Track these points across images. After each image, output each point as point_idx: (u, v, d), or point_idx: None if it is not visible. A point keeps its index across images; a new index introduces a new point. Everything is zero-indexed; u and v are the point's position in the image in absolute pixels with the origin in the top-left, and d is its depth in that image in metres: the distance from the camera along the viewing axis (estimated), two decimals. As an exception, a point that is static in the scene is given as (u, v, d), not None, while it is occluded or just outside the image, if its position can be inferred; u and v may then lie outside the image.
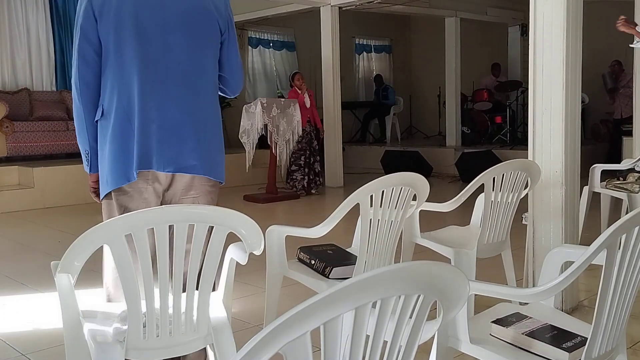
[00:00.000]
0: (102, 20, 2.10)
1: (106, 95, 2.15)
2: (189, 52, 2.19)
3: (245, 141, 7.49)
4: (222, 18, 2.27)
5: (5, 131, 7.88)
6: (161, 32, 2.14)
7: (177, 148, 2.16)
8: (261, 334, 0.89)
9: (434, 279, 1.05)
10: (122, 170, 2.13)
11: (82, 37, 2.12)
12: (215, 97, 2.32)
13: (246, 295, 3.64)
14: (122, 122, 2.12)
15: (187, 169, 2.19)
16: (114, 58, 2.12)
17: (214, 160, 2.27)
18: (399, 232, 2.57)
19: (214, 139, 2.27)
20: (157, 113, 2.14)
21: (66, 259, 1.72)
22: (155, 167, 2.15)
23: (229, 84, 2.39)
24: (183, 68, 2.17)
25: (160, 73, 2.14)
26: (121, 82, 2.12)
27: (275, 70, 12.21)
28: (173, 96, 2.16)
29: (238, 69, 2.40)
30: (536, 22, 3.23)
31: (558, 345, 1.70)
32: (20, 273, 4.38)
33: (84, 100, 2.16)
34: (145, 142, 2.13)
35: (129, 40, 2.11)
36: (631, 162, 4.69)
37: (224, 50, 2.31)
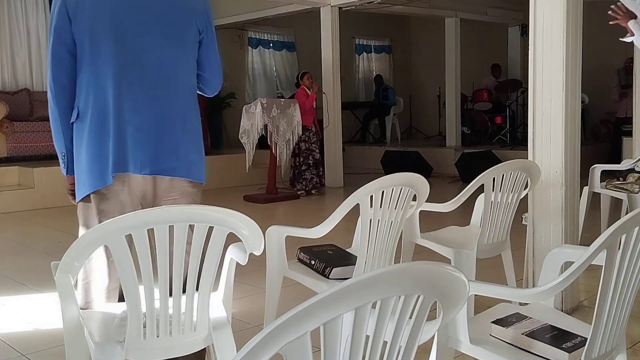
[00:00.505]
0: (76, 21, 2.08)
1: (81, 97, 2.12)
2: (167, 53, 2.16)
3: (245, 141, 7.48)
4: (200, 17, 2.23)
5: (6, 131, 7.89)
6: (138, 32, 2.11)
7: (154, 150, 2.13)
8: (261, 334, 0.89)
9: (434, 279, 1.05)
10: (99, 173, 2.10)
11: (56, 38, 2.10)
12: (193, 98, 2.29)
13: (246, 295, 3.64)
14: (97, 124, 2.09)
15: (165, 171, 2.16)
16: (90, 59, 2.10)
17: (192, 161, 2.23)
18: (399, 233, 2.57)
19: (192, 140, 2.24)
20: (133, 115, 2.11)
21: (66, 259, 1.72)
22: (132, 170, 2.12)
23: (209, 83, 2.36)
24: (160, 69, 2.15)
25: (137, 74, 2.12)
26: (96, 83, 2.10)
27: (275, 70, 12.21)
28: (150, 97, 2.13)
29: (217, 68, 2.37)
30: (536, 23, 3.23)
31: (558, 346, 1.70)
32: (20, 273, 4.38)
33: (58, 102, 2.14)
34: (121, 144, 2.10)
35: (104, 40, 2.08)
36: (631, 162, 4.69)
37: (203, 49, 2.28)
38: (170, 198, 2.21)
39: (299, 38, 12.18)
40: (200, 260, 1.81)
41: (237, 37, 11.45)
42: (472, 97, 11.28)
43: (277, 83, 12.22)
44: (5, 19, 8.74)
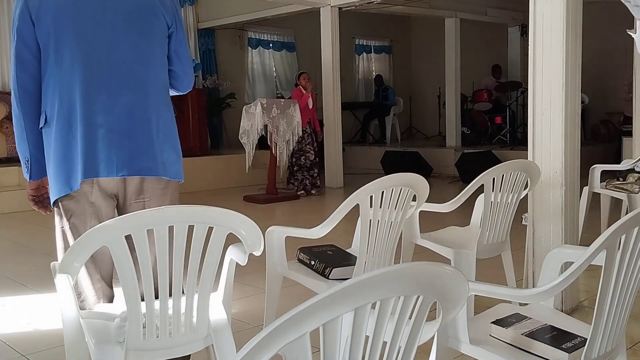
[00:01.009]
0: (39, 23, 2.02)
1: (48, 102, 2.07)
2: (135, 49, 2.11)
3: (245, 142, 7.48)
4: (167, 11, 2.18)
5: (5, 132, 7.88)
6: (103, 30, 2.06)
7: (129, 151, 2.08)
8: (261, 334, 0.89)
9: (434, 279, 1.05)
10: (65, 178, 2.05)
11: (19, 40, 2.04)
12: (166, 94, 2.24)
13: (246, 296, 3.64)
14: (62, 129, 2.04)
15: (141, 171, 2.11)
16: (54, 62, 2.04)
17: (168, 159, 2.17)
18: (398, 233, 2.57)
19: (167, 138, 2.18)
20: (104, 117, 2.06)
21: (66, 260, 1.72)
22: (105, 174, 2.06)
23: (180, 78, 2.30)
24: (129, 66, 2.10)
25: (105, 74, 2.07)
26: (62, 86, 2.04)
27: (275, 71, 12.21)
28: (120, 97, 2.08)
29: (188, 63, 2.32)
30: (536, 23, 3.23)
31: (558, 346, 1.70)
32: (20, 274, 4.38)
33: (23, 106, 2.08)
34: (91, 148, 2.04)
35: (69, 42, 2.03)
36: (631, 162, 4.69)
37: (172, 43, 2.23)
38: (139, 200, 2.15)
39: (298, 38, 12.18)
40: (200, 261, 1.81)
41: (237, 38, 11.45)
42: (472, 97, 11.28)
43: (277, 83, 12.22)
44: (5, 20, 8.73)
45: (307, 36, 11.50)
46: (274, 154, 7.52)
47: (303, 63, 11.83)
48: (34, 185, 2.20)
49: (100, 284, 2.16)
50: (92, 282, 2.14)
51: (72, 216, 2.10)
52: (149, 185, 2.15)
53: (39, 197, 2.22)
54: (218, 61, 11.15)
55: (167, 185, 2.20)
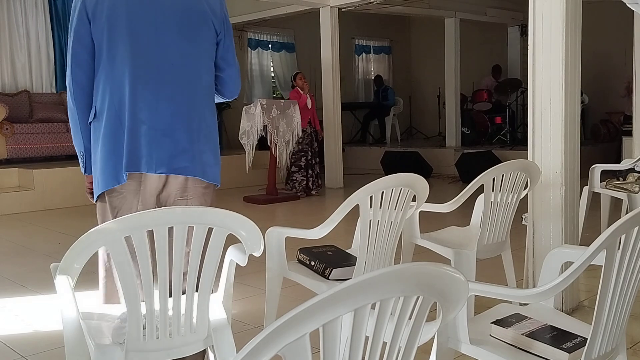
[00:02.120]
0: (95, 21, 2.10)
1: (99, 97, 2.14)
2: (182, 52, 2.17)
3: (245, 142, 7.48)
4: (217, 18, 2.25)
5: (5, 133, 7.89)
6: (154, 31, 2.13)
7: (169, 149, 2.15)
8: (260, 335, 0.89)
9: (433, 280, 1.05)
10: (112, 171, 2.12)
11: (76, 40, 2.12)
12: (210, 99, 2.30)
13: (246, 296, 3.64)
14: (113, 123, 2.12)
15: (179, 170, 2.18)
16: (107, 59, 2.12)
17: (207, 162, 2.24)
18: (398, 233, 2.57)
19: (208, 140, 2.25)
20: (148, 114, 2.13)
21: (66, 261, 1.72)
22: (145, 169, 2.13)
23: (227, 85, 2.37)
24: (176, 68, 2.16)
25: (152, 73, 2.13)
26: (113, 82, 2.12)
27: (274, 71, 12.21)
28: (165, 96, 2.15)
29: (235, 70, 2.38)
30: (535, 23, 3.23)
31: (558, 346, 1.70)
32: (20, 275, 4.38)
33: (77, 102, 2.16)
34: (134, 143, 2.12)
35: (121, 40, 2.11)
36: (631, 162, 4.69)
37: (220, 50, 2.30)
38: (183, 198, 2.22)
39: (298, 39, 12.18)
40: (200, 262, 1.81)
41: (237, 38, 11.44)
42: (471, 97, 11.28)
43: (277, 84, 12.22)
44: (5, 21, 8.74)
45: (307, 37, 11.50)
46: (274, 155, 7.52)
47: (303, 64, 11.84)
48: (90, 178, 2.26)
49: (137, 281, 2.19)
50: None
51: (119, 213, 2.14)
52: (192, 184, 2.22)
53: None
54: (218, 62, 11.14)
55: (207, 186, 2.27)
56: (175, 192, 2.21)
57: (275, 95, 11.97)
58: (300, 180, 7.92)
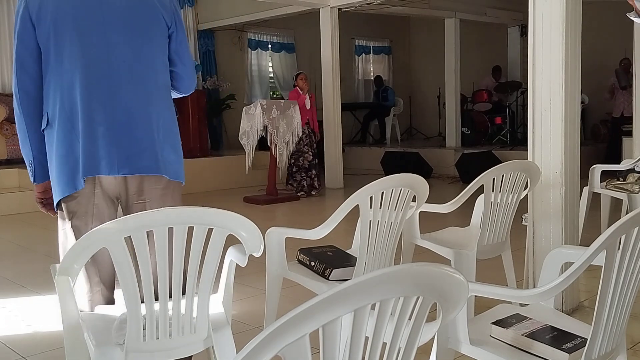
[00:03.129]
0: (40, 25, 2.04)
1: (49, 103, 2.08)
2: (134, 49, 2.11)
3: (245, 143, 7.48)
4: (167, 11, 2.19)
5: (5, 134, 7.89)
6: (102, 30, 2.07)
7: (129, 149, 2.09)
8: (260, 336, 0.89)
9: (433, 280, 1.05)
10: (69, 178, 2.06)
11: (19, 43, 2.06)
12: (167, 94, 2.24)
13: (246, 297, 3.64)
14: (65, 128, 2.05)
15: (141, 169, 2.11)
16: (55, 63, 2.06)
17: (168, 159, 2.17)
18: (398, 234, 2.57)
19: (168, 137, 2.18)
20: (104, 115, 2.07)
21: (65, 262, 1.72)
22: (106, 172, 2.07)
23: (182, 79, 2.30)
24: (129, 65, 2.10)
25: (104, 73, 2.07)
26: (63, 87, 2.05)
27: (272, 72, 12.21)
28: (120, 95, 2.09)
29: (189, 64, 2.31)
30: (535, 23, 3.23)
31: (558, 347, 1.70)
32: (20, 275, 4.38)
33: (24, 109, 2.09)
34: (91, 146, 2.05)
35: (68, 42, 2.05)
36: (631, 162, 4.69)
37: (172, 44, 2.23)
38: (140, 201, 2.15)
39: (298, 39, 12.18)
40: (199, 262, 1.81)
41: (237, 39, 11.46)
42: (472, 97, 11.28)
43: (277, 84, 12.23)
44: (5, 21, 8.73)
45: (307, 37, 11.50)
46: (274, 155, 7.52)
47: (302, 64, 11.83)
48: (40, 188, 2.20)
49: (99, 287, 2.16)
50: (91, 286, 2.14)
51: (74, 218, 2.10)
52: (148, 185, 2.15)
53: (46, 199, 2.22)
54: (218, 62, 11.16)
55: (167, 186, 2.19)
56: (132, 195, 2.15)
57: (275, 95, 11.97)
58: (300, 180, 7.92)
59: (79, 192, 2.08)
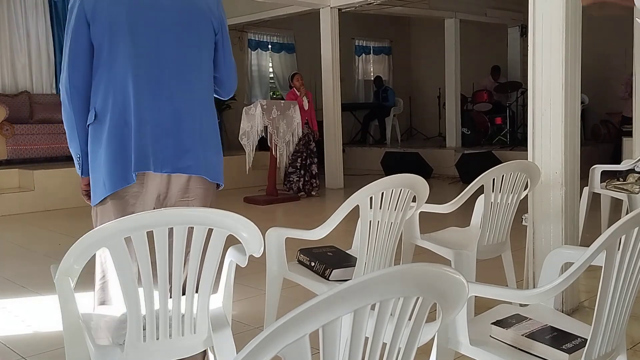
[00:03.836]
0: (94, 23, 2.08)
1: (99, 98, 2.12)
2: (183, 52, 2.17)
3: (245, 143, 7.49)
4: (215, 18, 2.26)
5: (6, 134, 7.89)
6: (154, 31, 2.12)
7: (173, 148, 2.14)
8: (260, 336, 0.89)
9: (433, 281, 1.05)
10: (121, 172, 2.10)
11: (74, 41, 2.10)
12: (210, 98, 2.29)
13: (246, 297, 3.64)
14: (118, 124, 2.10)
15: (183, 169, 2.16)
16: (107, 60, 2.10)
17: (210, 160, 2.24)
18: (398, 234, 2.57)
19: (210, 140, 2.25)
20: (151, 113, 2.11)
21: (66, 262, 1.72)
22: (153, 169, 2.12)
23: (224, 84, 2.37)
24: (177, 67, 2.15)
25: (154, 73, 2.12)
26: (115, 83, 2.10)
27: (272, 72, 12.21)
28: (167, 96, 2.14)
29: (232, 70, 2.38)
30: (535, 23, 3.23)
31: (558, 347, 1.70)
32: (20, 276, 4.38)
33: (74, 104, 2.13)
34: (142, 143, 2.10)
35: (122, 41, 2.09)
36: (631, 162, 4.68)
37: (219, 50, 2.30)
38: (184, 199, 2.21)
39: (298, 40, 12.18)
40: (199, 262, 1.81)
41: (237, 39, 11.45)
42: (472, 97, 11.28)
43: (277, 85, 12.23)
44: (5, 22, 8.74)
45: (307, 37, 11.50)
46: (274, 155, 7.52)
47: (302, 64, 11.84)
48: (86, 180, 2.24)
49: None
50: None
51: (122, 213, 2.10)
52: (194, 184, 2.21)
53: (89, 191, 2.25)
54: (218, 63, 11.15)
55: (209, 187, 2.26)
56: (176, 192, 2.20)
57: (275, 96, 11.97)
58: (296, 180, 7.93)
59: (127, 192, 2.13)
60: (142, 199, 2.16)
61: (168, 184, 2.18)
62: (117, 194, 2.13)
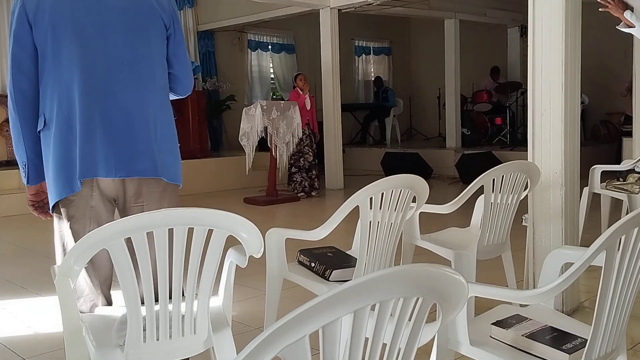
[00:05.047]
0: (37, 25, 2.01)
1: (46, 104, 2.05)
2: (132, 50, 2.09)
3: (245, 144, 7.48)
4: (165, 13, 2.17)
5: (6, 135, 7.89)
6: (100, 31, 2.05)
7: (127, 151, 2.07)
8: (260, 337, 0.89)
9: (433, 281, 1.05)
10: (66, 180, 2.03)
11: (16, 43, 2.02)
12: (165, 96, 2.22)
13: (246, 298, 3.64)
14: (63, 129, 2.03)
15: (140, 172, 2.09)
16: (52, 63, 2.03)
17: (166, 161, 2.15)
18: (398, 234, 2.57)
19: (165, 140, 2.16)
20: (102, 117, 2.04)
21: (66, 263, 1.72)
22: (103, 174, 2.05)
23: (179, 81, 2.28)
24: (127, 67, 2.08)
25: (102, 74, 2.05)
26: (61, 87, 2.03)
27: (273, 72, 12.22)
28: (118, 97, 2.07)
29: (187, 65, 2.30)
30: (535, 24, 3.24)
31: (558, 347, 1.70)
32: (20, 277, 4.38)
33: (19, 109, 2.05)
34: (89, 148, 2.03)
35: (66, 43, 2.02)
36: (631, 162, 4.69)
37: (171, 46, 2.22)
38: (138, 204, 2.13)
39: (298, 40, 12.19)
40: (199, 263, 1.81)
41: (237, 40, 11.47)
42: (472, 98, 11.29)
43: (277, 85, 12.23)
44: (5, 23, 8.74)
45: (307, 38, 11.51)
46: (274, 156, 7.52)
47: (302, 65, 11.84)
48: (33, 190, 2.17)
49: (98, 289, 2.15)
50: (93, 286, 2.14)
51: (72, 221, 2.08)
52: (146, 188, 2.14)
53: (38, 202, 2.19)
54: (218, 63, 11.17)
55: (165, 189, 2.18)
56: (130, 197, 2.13)
57: (275, 96, 11.97)
58: (300, 180, 7.93)
59: (77, 195, 2.06)
60: (96, 202, 2.09)
61: (123, 188, 2.11)
62: (68, 199, 2.07)
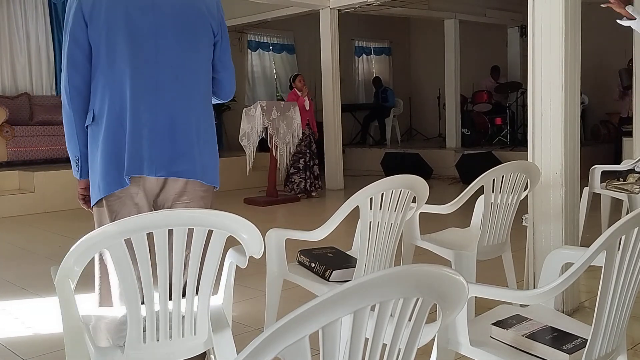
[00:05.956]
0: (92, 23, 2.07)
1: (97, 100, 2.11)
2: (181, 54, 2.15)
3: (245, 144, 7.48)
4: (214, 19, 2.25)
5: (6, 136, 7.89)
6: (153, 33, 2.11)
7: (169, 152, 2.13)
8: (260, 337, 0.89)
9: (433, 281, 1.05)
10: (115, 175, 2.09)
11: (72, 41, 2.09)
12: (208, 100, 2.28)
13: (246, 298, 3.64)
14: (114, 126, 2.09)
15: (180, 173, 2.15)
16: (105, 62, 2.09)
17: (207, 164, 2.22)
18: (398, 235, 2.57)
19: (207, 143, 2.23)
20: (149, 116, 2.10)
21: (66, 264, 1.72)
22: (147, 172, 2.11)
23: (223, 86, 2.36)
24: (175, 70, 2.14)
25: (152, 75, 2.11)
26: (113, 85, 2.09)
27: (275, 73, 12.22)
28: (165, 99, 2.13)
29: (231, 71, 2.37)
30: (535, 24, 3.24)
31: (558, 347, 1.70)
32: (20, 278, 4.38)
33: (74, 105, 2.12)
34: (136, 146, 2.09)
35: (120, 43, 2.08)
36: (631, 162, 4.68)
37: (217, 52, 2.29)
38: (182, 202, 2.20)
39: (298, 40, 12.19)
40: (199, 264, 1.81)
41: (237, 40, 11.46)
42: (472, 98, 11.29)
43: (277, 86, 12.23)
44: (5, 23, 8.75)
45: (307, 38, 11.51)
46: (275, 157, 7.52)
47: (303, 65, 11.84)
48: (83, 184, 2.23)
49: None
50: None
51: (117, 217, 2.11)
52: (191, 187, 2.20)
53: (88, 195, 2.24)
54: (218, 64, 11.15)
55: (207, 189, 2.25)
56: (173, 195, 2.19)
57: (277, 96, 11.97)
58: (299, 182, 7.92)
59: (124, 191, 2.12)
60: (140, 200, 2.15)
61: (163, 187, 2.17)
62: (114, 195, 2.12)
